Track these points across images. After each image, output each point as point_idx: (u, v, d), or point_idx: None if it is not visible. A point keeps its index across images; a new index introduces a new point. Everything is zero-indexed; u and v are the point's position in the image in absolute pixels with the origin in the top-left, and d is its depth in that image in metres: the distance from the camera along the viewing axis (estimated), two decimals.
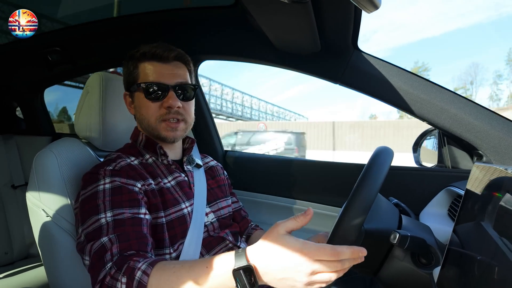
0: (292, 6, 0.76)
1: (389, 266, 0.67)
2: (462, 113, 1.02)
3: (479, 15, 62.93)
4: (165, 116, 0.88)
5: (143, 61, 0.89)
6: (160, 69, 0.89)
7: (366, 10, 0.57)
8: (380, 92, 1.10)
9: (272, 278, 0.55)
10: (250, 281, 0.55)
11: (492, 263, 0.48)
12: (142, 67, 0.89)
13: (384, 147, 0.69)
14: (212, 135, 1.55)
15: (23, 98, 1.81)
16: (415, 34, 73.43)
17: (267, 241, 0.56)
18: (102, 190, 0.78)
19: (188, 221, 0.87)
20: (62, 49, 1.49)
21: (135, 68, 0.90)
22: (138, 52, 0.90)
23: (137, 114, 0.92)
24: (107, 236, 0.71)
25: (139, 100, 0.90)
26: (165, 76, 0.88)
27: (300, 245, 0.54)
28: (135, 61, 0.90)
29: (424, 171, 1.23)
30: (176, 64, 0.91)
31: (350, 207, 0.59)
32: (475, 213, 0.59)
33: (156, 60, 0.89)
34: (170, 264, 0.65)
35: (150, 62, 0.89)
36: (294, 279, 0.54)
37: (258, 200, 1.46)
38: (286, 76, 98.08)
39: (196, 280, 0.59)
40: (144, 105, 0.89)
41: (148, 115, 0.89)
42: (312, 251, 0.53)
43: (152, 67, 0.89)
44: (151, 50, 0.88)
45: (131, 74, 0.91)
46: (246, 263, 0.56)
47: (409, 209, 0.86)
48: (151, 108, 0.88)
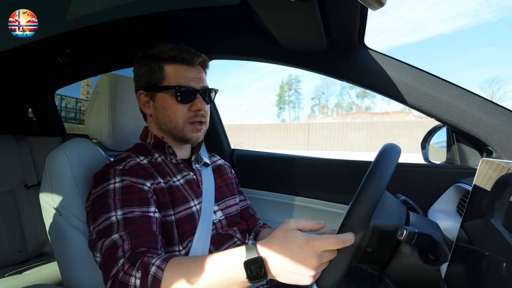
0: (297, 4, 0.77)
1: (396, 263, 0.67)
2: (471, 109, 1.01)
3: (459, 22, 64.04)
4: (192, 119, 0.91)
5: (171, 64, 0.91)
6: (188, 73, 0.91)
7: (371, 7, 0.57)
8: (388, 89, 1.10)
9: (281, 271, 0.57)
10: (260, 273, 0.57)
11: (501, 259, 0.47)
12: (170, 69, 0.91)
13: (391, 144, 0.69)
14: (220, 134, 1.56)
15: (34, 99, 1.85)
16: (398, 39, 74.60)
17: (276, 236, 0.59)
18: (112, 189, 0.79)
19: (197, 218, 0.88)
20: (72, 51, 1.52)
21: (160, 69, 0.91)
22: (164, 53, 0.91)
23: (159, 115, 0.93)
24: (118, 233, 0.72)
25: (165, 101, 0.91)
26: (192, 80, 0.91)
27: (306, 238, 0.56)
28: (160, 62, 0.91)
29: (432, 168, 1.22)
30: (199, 68, 0.95)
31: (358, 201, 0.60)
32: (483, 209, 0.59)
33: (183, 64, 0.91)
34: (183, 259, 0.66)
35: (179, 65, 0.91)
36: (302, 272, 0.56)
37: (266, 198, 1.46)
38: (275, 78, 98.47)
39: (209, 273, 0.61)
40: (171, 107, 0.90)
41: (176, 117, 0.91)
42: (317, 243, 0.55)
43: (180, 70, 0.91)
44: (180, 54, 0.90)
45: (154, 74, 0.91)
46: (257, 255, 0.57)
47: (417, 206, 0.85)
48: (179, 110, 0.90)
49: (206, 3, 1.24)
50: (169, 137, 0.95)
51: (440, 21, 68.25)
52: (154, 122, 0.96)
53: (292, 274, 0.56)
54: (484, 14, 56.40)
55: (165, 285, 0.63)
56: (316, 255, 0.55)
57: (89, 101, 1.10)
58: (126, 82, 1.05)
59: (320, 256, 0.55)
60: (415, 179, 1.19)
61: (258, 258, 0.57)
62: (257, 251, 0.58)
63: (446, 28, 67.28)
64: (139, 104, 0.97)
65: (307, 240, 0.56)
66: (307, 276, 0.56)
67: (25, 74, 1.74)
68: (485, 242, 0.55)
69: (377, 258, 0.67)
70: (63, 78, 1.71)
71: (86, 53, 1.55)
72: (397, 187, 1.06)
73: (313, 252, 0.55)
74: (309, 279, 0.56)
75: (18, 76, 1.76)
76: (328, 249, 0.56)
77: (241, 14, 1.20)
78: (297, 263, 0.55)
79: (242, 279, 0.58)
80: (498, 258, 0.49)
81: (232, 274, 0.59)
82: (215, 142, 1.55)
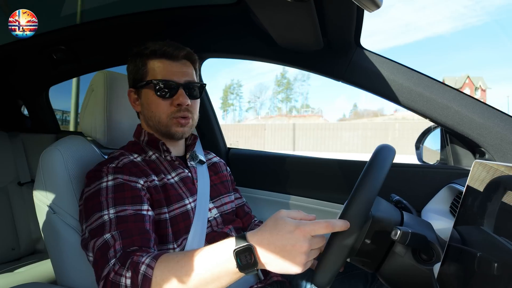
0: (294, 4, 0.77)
1: (390, 262, 0.68)
2: (464, 111, 1.02)
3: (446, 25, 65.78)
4: (175, 114, 0.90)
5: (153, 59, 0.90)
6: (170, 67, 0.90)
7: (367, 9, 0.58)
8: (383, 90, 1.10)
9: (270, 259, 0.56)
10: (250, 261, 0.57)
11: (492, 259, 0.48)
12: (152, 64, 0.90)
13: (386, 144, 0.70)
14: (215, 132, 1.56)
15: (28, 96, 1.83)
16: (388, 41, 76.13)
17: (267, 224, 0.59)
18: (105, 187, 0.79)
19: (192, 216, 0.88)
20: (66, 48, 1.51)
21: (143, 65, 0.91)
22: (147, 49, 0.90)
23: (145, 111, 0.93)
24: (110, 232, 0.72)
25: (148, 97, 0.91)
26: (175, 74, 0.90)
27: (296, 223, 0.56)
28: (143, 58, 0.91)
29: (426, 168, 1.23)
30: (184, 62, 0.93)
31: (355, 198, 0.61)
32: (476, 210, 0.59)
33: (166, 58, 0.90)
34: (173, 255, 0.66)
35: (160, 60, 0.90)
36: (292, 258, 0.55)
37: (261, 197, 1.46)
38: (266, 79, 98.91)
39: (199, 267, 0.61)
40: (154, 102, 0.90)
41: (158, 112, 0.90)
42: (308, 227, 0.55)
43: (162, 65, 0.90)
44: (162, 48, 0.89)
45: (139, 71, 0.91)
46: (247, 243, 0.57)
47: (411, 206, 0.86)
48: (162, 105, 0.89)
49: (202, 1, 1.24)
50: (157, 134, 0.94)
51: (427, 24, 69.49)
52: (143, 119, 0.96)
53: (282, 262, 0.56)
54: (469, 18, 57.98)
55: (155, 283, 0.62)
56: (306, 239, 0.55)
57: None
58: (121, 79, 1.05)
59: (310, 241, 0.55)
60: (409, 179, 1.20)
61: (247, 246, 0.57)
62: (246, 240, 0.58)
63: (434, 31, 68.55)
64: (130, 102, 0.97)
65: (297, 225, 0.55)
66: (297, 263, 0.55)
67: (18, 70, 1.73)
68: (477, 242, 0.56)
69: (373, 252, 0.68)
70: (58, 74, 1.69)
71: (81, 50, 1.54)
72: (391, 187, 1.06)
73: (303, 236, 0.55)
74: (299, 266, 0.55)
75: (12, 72, 1.74)
76: (318, 233, 0.55)
77: (238, 13, 1.20)
78: (287, 249, 0.55)
79: (233, 269, 0.58)
80: (490, 258, 0.49)
81: (223, 265, 0.59)
82: (210, 140, 1.55)
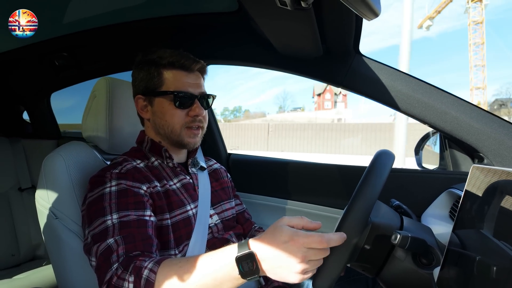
0: (294, 12, 0.78)
1: (390, 267, 0.69)
2: (463, 116, 1.03)
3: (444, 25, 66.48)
4: (190, 124, 0.92)
5: (169, 69, 0.92)
6: (187, 79, 0.92)
7: (366, 17, 0.59)
8: (382, 96, 1.12)
9: (269, 266, 0.57)
10: (252, 268, 0.58)
11: (491, 263, 0.49)
12: (168, 74, 0.92)
13: (385, 150, 0.71)
14: (216, 138, 1.57)
15: (30, 102, 1.84)
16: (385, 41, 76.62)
17: (267, 231, 0.59)
18: (108, 192, 0.80)
19: (193, 222, 0.89)
20: (68, 54, 1.52)
21: (159, 75, 0.92)
22: (163, 59, 0.91)
23: (157, 120, 0.93)
24: (113, 237, 0.73)
25: (163, 106, 0.92)
26: (191, 85, 0.92)
27: (291, 234, 0.56)
28: (159, 68, 0.92)
29: (425, 174, 1.24)
30: (197, 74, 0.96)
31: (354, 204, 0.61)
32: (474, 214, 0.60)
33: (182, 69, 0.92)
34: (175, 260, 0.67)
35: (178, 71, 0.92)
36: (288, 267, 0.56)
37: (262, 202, 1.47)
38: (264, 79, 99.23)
39: (202, 272, 0.61)
40: (169, 112, 0.91)
41: (173, 122, 0.91)
42: (301, 238, 0.55)
43: (179, 76, 0.92)
44: (180, 60, 0.91)
45: (153, 79, 0.92)
46: (248, 250, 0.58)
47: (410, 211, 0.87)
48: (177, 115, 0.91)
49: (203, 9, 1.25)
50: (166, 142, 0.95)
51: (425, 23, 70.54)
52: (151, 127, 0.96)
53: (280, 270, 0.57)
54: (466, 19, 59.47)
55: (158, 287, 0.63)
56: (300, 251, 0.55)
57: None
58: (123, 86, 1.06)
59: (305, 253, 0.55)
60: (409, 184, 1.21)
61: (249, 253, 0.58)
62: (248, 247, 0.59)
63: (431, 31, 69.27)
64: (137, 108, 0.97)
65: (291, 236, 0.56)
66: (293, 272, 0.56)
67: (20, 76, 1.74)
68: (476, 246, 0.56)
69: (373, 258, 0.68)
70: (59, 81, 1.70)
71: (83, 57, 1.55)
72: (391, 192, 1.07)
73: (297, 248, 0.55)
74: (295, 276, 0.56)
75: (14, 78, 1.75)
76: (312, 247, 0.56)
77: (239, 21, 1.22)
78: (283, 258, 0.56)
79: (235, 275, 0.59)
80: (489, 262, 0.50)
81: (225, 271, 0.60)
82: (211, 146, 1.56)
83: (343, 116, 36.52)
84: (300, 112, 46.81)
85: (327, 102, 47.36)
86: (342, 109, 42.72)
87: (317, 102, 48.04)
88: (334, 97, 46.73)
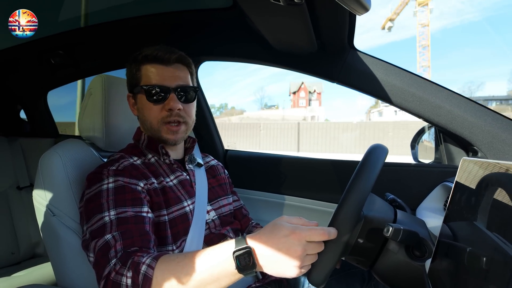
0: (287, 8, 0.78)
1: (384, 259, 0.69)
2: (457, 110, 1.04)
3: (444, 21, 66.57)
4: (166, 119, 0.90)
5: (146, 64, 0.91)
6: (162, 72, 0.90)
7: (356, 12, 0.59)
8: (377, 90, 1.12)
9: (267, 261, 0.58)
10: (249, 263, 0.59)
11: (481, 254, 0.49)
12: (145, 69, 0.91)
13: (379, 144, 0.71)
14: (213, 134, 1.58)
15: (27, 100, 1.84)
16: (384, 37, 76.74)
17: (266, 227, 0.61)
18: (105, 189, 0.80)
19: (190, 218, 0.89)
20: (64, 52, 1.52)
21: (137, 71, 0.92)
22: (140, 54, 0.92)
23: (140, 116, 0.95)
24: (110, 233, 0.73)
25: (142, 102, 0.92)
26: (166, 78, 0.90)
27: (292, 228, 0.58)
28: (137, 64, 0.92)
29: (420, 167, 1.25)
30: (177, 66, 0.93)
31: (347, 198, 0.62)
32: (466, 206, 0.61)
33: (158, 62, 0.91)
34: (173, 256, 0.68)
35: (152, 65, 0.91)
36: (287, 261, 0.57)
37: (259, 198, 1.48)
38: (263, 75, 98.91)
39: (199, 268, 0.62)
40: (146, 107, 0.91)
41: (150, 117, 0.91)
42: (304, 231, 0.57)
43: (154, 69, 0.91)
44: (153, 52, 0.90)
45: (134, 76, 0.93)
46: (245, 245, 0.59)
47: (405, 204, 0.88)
48: (153, 110, 0.90)
49: (198, 5, 1.25)
50: (154, 138, 0.96)
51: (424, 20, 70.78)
52: (140, 123, 0.98)
53: (278, 265, 0.58)
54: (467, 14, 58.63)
55: (156, 282, 0.64)
56: (301, 244, 0.56)
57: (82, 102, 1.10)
58: (119, 83, 1.06)
59: (305, 246, 0.56)
60: (404, 178, 1.22)
61: (246, 248, 0.59)
62: (246, 242, 0.60)
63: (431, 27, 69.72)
64: (129, 106, 0.99)
65: (293, 230, 0.57)
66: (292, 266, 0.57)
67: (17, 75, 1.74)
68: (466, 237, 0.57)
69: (367, 251, 0.69)
70: (56, 79, 1.70)
71: (79, 55, 1.55)
72: (386, 186, 1.08)
73: (298, 241, 0.56)
74: (294, 270, 0.57)
75: (10, 77, 1.75)
76: (313, 240, 0.57)
77: (234, 17, 1.22)
78: (282, 252, 0.57)
79: (232, 270, 0.59)
80: (479, 253, 0.51)
81: (222, 266, 0.60)
82: (208, 142, 1.56)
83: (316, 114, 37.00)
84: (274, 110, 47.62)
85: (301, 100, 48.78)
86: (316, 107, 43.88)
87: (292, 100, 49.34)
88: (309, 95, 48.19)
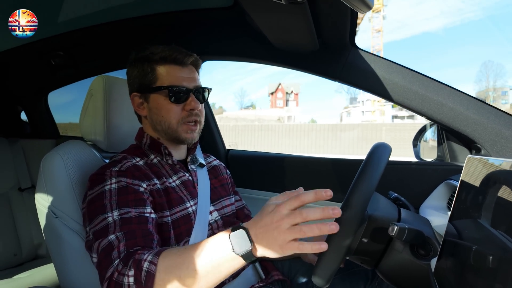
0: (288, 7, 0.78)
1: (388, 258, 0.69)
2: (460, 107, 1.04)
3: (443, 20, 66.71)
4: (186, 119, 0.92)
5: (162, 64, 0.91)
6: (180, 73, 0.92)
7: (359, 10, 0.59)
8: (379, 89, 1.12)
9: (259, 239, 0.59)
10: (244, 242, 0.59)
11: (488, 253, 0.49)
12: (161, 70, 0.91)
13: (382, 142, 0.71)
14: (214, 134, 1.57)
15: (27, 102, 1.84)
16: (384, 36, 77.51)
17: (258, 212, 0.62)
18: (108, 190, 0.80)
19: (193, 219, 0.89)
20: (65, 53, 1.52)
21: (152, 71, 0.91)
22: (155, 55, 0.91)
23: (154, 116, 0.93)
24: (114, 234, 0.73)
25: (158, 102, 0.91)
26: (185, 80, 0.92)
27: (276, 204, 0.59)
28: (152, 64, 0.92)
29: (423, 165, 1.25)
30: (191, 68, 0.95)
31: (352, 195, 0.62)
32: (471, 205, 0.60)
33: (176, 63, 0.92)
34: (174, 250, 0.68)
35: (170, 66, 0.91)
36: (276, 236, 0.57)
37: (261, 197, 1.47)
38: (263, 74, 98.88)
39: (200, 257, 0.62)
40: (165, 108, 0.91)
41: (169, 117, 0.91)
42: (285, 203, 0.58)
43: (172, 70, 0.91)
44: (172, 54, 0.91)
45: (147, 76, 0.92)
46: (240, 227, 0.60)
47: (408, 202, 0.88)
48: (173, 110, 0.91)
49: (198, 5, 1.25)
50: (164, 138, 0.95)
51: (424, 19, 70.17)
52: (149, 124, 0.96)
53: (267, 242, 0.58)
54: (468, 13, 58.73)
55: (159, 278, 0.64)
56: (284, 214, 0.57)
57: None
58: (120, 84, 1.06)
59: (290, 215, 0.56)
60: (407, 176, 1.22)
61: (240, 228, 0.60)
62: (242, 226, 0.61)
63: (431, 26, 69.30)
64: (133, 106, 0.97)
65: (276, 206, 0.58)
66: (281, 240, 0.56)
67: (17, 76, 1.74)
68: (472, 236, 0.57)
69: (371, 250, 0.69)
70: (56, 80, 1.70)
71: (79, 55, 1.55)
72: (389, 185, 1.08)
73: (280, 211, 0.57)
74: (282, 244, 0.56)
75: (11, 78, 1.75)
76: (293, 206, 0.57)
77: (234, 16, 1.22)
78: (271, 228, 0.57)
79: (230, 254, 0.60)
80: (485, 251, 0.50)
81: (220, 251, 0.61)
82: (209, 142, 1.56)
83: (293, 114, 37.22)
84: (251, 110, 48.09)
85: (279, 100, 49.24)
86: (293, 108, 44.31)
87: (270, 101, 49.80)
88: (286, 95, 48.74)
